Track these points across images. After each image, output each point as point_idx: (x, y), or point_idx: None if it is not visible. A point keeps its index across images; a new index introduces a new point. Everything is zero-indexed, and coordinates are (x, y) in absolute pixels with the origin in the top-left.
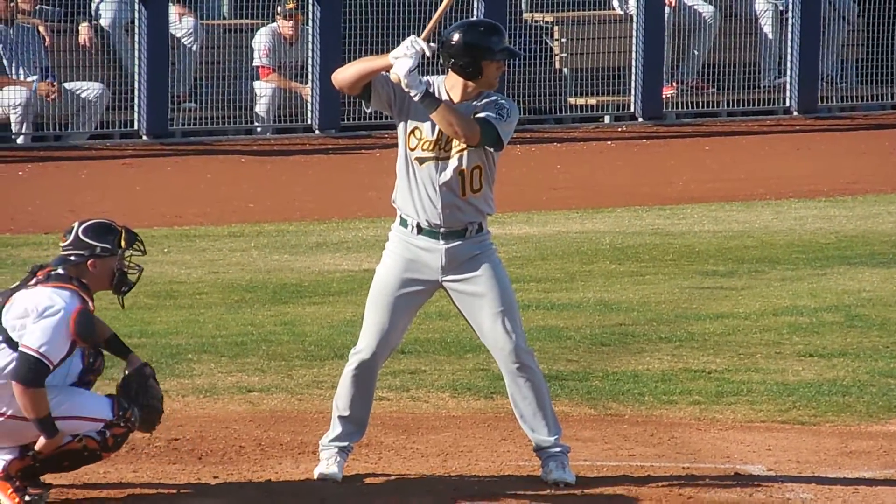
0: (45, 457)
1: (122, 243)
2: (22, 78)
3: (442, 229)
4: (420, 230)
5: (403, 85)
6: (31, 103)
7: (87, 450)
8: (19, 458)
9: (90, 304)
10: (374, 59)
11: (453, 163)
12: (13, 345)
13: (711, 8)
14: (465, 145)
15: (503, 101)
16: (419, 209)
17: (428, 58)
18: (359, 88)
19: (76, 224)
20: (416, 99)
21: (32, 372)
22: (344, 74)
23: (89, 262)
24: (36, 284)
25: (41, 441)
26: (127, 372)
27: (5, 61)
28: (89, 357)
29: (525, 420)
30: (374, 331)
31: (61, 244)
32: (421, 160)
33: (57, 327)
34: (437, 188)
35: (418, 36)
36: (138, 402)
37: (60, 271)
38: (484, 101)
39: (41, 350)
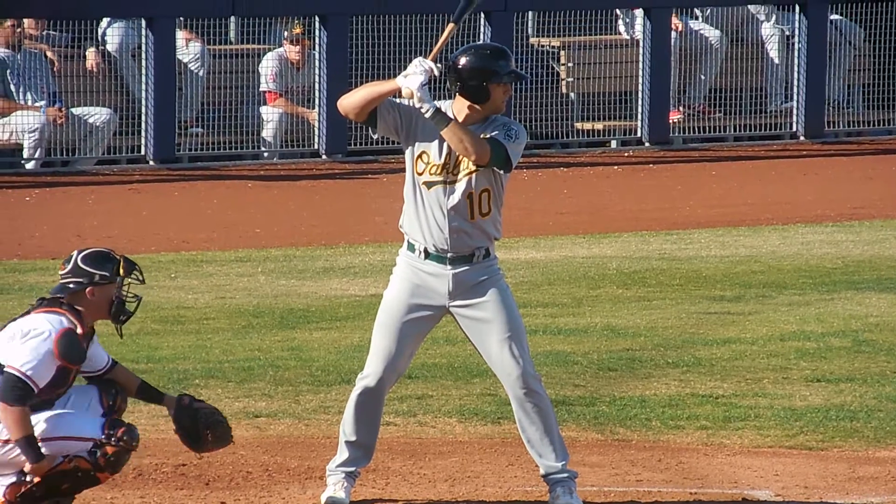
0: (41, 480)
1: (121, 272)
2: (30, 103)
3: (449, 254)
4: (427, 255)
5: (416, 100)
6: (46, 129)
7: (79, 470)
8: (17, 482)
9: (79, 328)
10: (381, 84)
11: (461, 186)
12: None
13: (718, 32)
14: (473, 168)
15: (512, 124)
16: (426, 234)
17: (436, 77)
18: (365, 114)
19: (75, 252)
20: (427, 115)
21: (15, 391)
22: (350, 100)
23: (88, 289)
24: (30, 312)
25: (28, 464)
26: (172, 414)
27: (13, 87)
28: (109, 399)
29: (532, 445)
30: (381, 356)
31: (60, 272)
32: (429, 184)
33: (40, 349)
34: (445, 212)
35: (425, 58)
36: (201, 430)
37: (58, 295)
38: (492, 124)
39: (24, 370)
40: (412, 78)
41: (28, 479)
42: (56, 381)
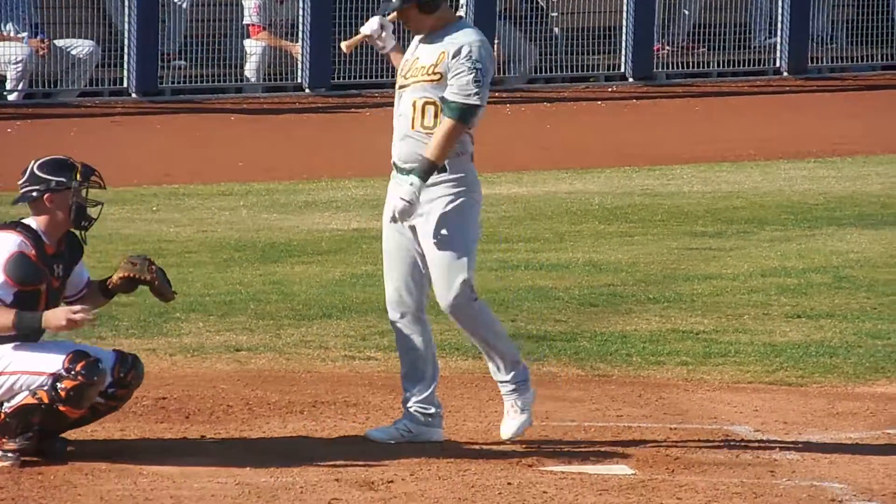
0: (13, 412)
1: (78, 177)
2: (12, 35)
3: (405, 166)
4: (396, 168)
5: (377, 34)
6: (30, 60)
7: (42, 404)
8: None
9: (31, 248)
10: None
11: (408, 93)
12: None
13: None
14: (422, 77)
15: (474, 56)
16: (392, 142)
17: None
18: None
19: (32, 161)
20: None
21: None
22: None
23: (46, 196)
24: None
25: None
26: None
27: None
28: (120, 372)
29: (485, 358)
30: (386, 282)
31: (18, 183)
32: (397, 90)
33: None
34: (397, 119)
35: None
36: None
37: (21, 219)
38: (452, 51)
39: None
40: (368, 23)
41: (1, 410)
42: (22, 302)
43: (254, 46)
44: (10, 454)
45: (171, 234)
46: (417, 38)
